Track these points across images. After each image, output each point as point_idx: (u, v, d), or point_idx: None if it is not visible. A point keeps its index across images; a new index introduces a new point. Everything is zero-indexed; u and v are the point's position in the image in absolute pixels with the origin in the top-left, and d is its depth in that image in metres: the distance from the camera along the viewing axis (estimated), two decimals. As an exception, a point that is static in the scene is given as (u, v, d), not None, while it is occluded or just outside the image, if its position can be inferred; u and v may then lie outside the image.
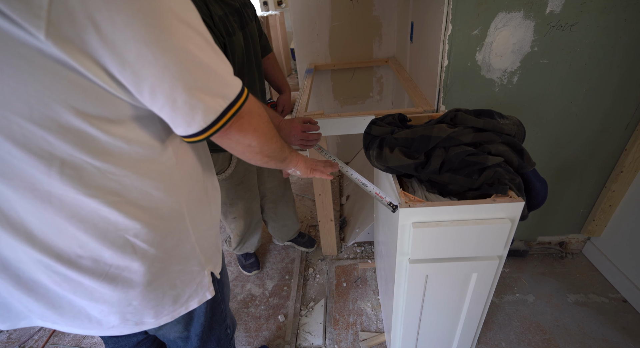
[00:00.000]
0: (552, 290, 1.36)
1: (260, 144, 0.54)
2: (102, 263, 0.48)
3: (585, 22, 0.94)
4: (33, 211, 0.42)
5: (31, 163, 0.39)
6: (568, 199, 1.36)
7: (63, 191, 0.42)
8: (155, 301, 0.54)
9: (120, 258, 0.48)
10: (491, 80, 1.07)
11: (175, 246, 0.54)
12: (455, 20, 0.96)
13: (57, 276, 0.47)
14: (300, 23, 1.81)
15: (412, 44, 1.47)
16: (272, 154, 0.58)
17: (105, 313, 0.52)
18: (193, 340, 0.70)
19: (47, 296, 0.50)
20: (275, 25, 4.06)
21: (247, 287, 1.51)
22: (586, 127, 1.15)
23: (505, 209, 0.69)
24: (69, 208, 0.43)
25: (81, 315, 0.52)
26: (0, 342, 1.36)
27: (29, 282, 0.48)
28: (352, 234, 1.70)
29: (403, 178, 0.84)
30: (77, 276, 0.47)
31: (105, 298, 0.50)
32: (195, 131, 0.44)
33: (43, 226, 0.43)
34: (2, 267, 0.47)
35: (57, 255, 0.45)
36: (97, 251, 0.47)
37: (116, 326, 0.54)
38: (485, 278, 0.79)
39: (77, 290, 0.49)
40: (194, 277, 0.59)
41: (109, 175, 0.43)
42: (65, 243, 0.45)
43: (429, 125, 0.79)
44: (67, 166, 0.41)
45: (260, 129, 0.53)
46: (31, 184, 0.40)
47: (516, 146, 0.75)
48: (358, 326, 1.29)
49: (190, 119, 0.43)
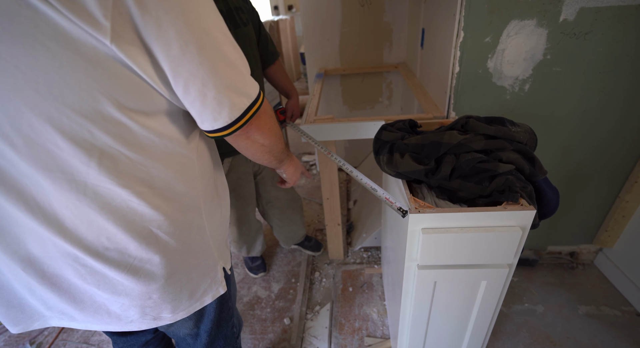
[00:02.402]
0: (562, 301, 1.34)
1: (271, 143, 0.58)
2: (127, 255, 0.50)
3: (600, 31, 0.94)
4: (67, 203, 0.44)
5: (74, 154, 0.42)
6: (580, 209, 1.34)
7: (98, 182, 0.44)
8: (174, 295, 0.56)
9: (144, 250, 0.50)
10: (502, 87, 1.06)
11: (193, 239, 0.56)
12: (467, 27, 0.96)
13: (83, 269, 0.49)
14: (310, 28, 1.83)
15: (422, 50, 1.47)
16: (277, 154, 0.63)
17: (125, 307, 0.53)
18: (202, 337, 0.71)
19: (69, 291, 0.51)
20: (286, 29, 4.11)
21: (254, 289, 1.52)
22: (599, 137, 1.14)
23: (516, 217, 0.68)
24: (102, 199, 0.45)
25: (101, 310, 0.53)
26: (11, 337, 1.39)
27: (54, 277, 0.50)
28: (359, 239, 1.70)
29: (413, 184, 0.84)
30: (103, 268, 0.49)
31: (127, 291, 0.52)
32: (221, 126, 0.48)
33: (75, 217, 0.46)
34: (29, 262, 0.48)
35: (85, 246, 0.47)
36: (124, 243, 0.49)
37: (135, 321, 0.55)
38: (495, 287, 0.78)
39: (101, 283, 0.50)
40: (208, 272, 0.61)
41: (140, 166, 0.46)
42: (94, 234, 0.47)
43: (439, 131, 0.80)
44: (105, 157, 0.43)
45: (273, 129, 0.57)
46: (70, 176, 0.43)
47: (528, 153, 0.75)
48: (364, 331, 1.29)
49: (217, 115, 0.46)
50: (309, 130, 1.17)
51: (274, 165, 0.68)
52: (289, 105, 1.28)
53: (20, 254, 0.48)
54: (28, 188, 0.43)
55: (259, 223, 1.47)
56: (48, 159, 0.41)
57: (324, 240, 1.75)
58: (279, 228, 1.52)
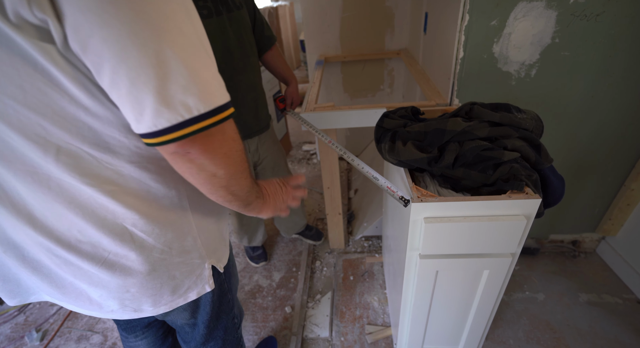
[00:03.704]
0: (563, 289, 1.34)
1: (228, 175, 0.44)
2: (101, 249, 0.47)
3: (612, 12, 0.90)
4: (34, 195, 0.42)
5: (29, 147, 0.39)
6: (584, 197, 1.32)
7: (61, 176, 0.41)
8: (153, 291, 0.54)
9: (119, 246, 0.48)
10: (508, 73, 1.03)
11: (176, 238, 0.53)
12: (473, 10, 0.93)
13: (57, 259, 0.48)
14: (310, 13, 1.78)
15: (425, 35, 1.43)
16: (239, 193, 0.49)
17: (104, 298, 0.52)
18: (200, 327, 0.71)
19: (50, 276, 0.50)
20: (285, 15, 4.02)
21: (255, 278, 1.53)
22: (608, 123, 1.11)
23: (521, 206, 0.67)
24: (67, 193, 0.43)
25: (82, 296, 0.53)
26: (17, 324, 1.41)
27: (33, 262, 0.49)
28: (360, 228, 1.69)
29: (415, 172, 0.82)
30: (77, 261, 0.47)
31: (104, 284, 0.50)
32: (145, 131, 0.37)
33: (44, 209, 0.43)
34: (9, 246, 0.48)
35: (57, 238, 0.45)
36: (96, 237, 0.46)
37: (115, 311, 0.54)
38: (497, 276, 0.78)
39: (77, 274, 0.49)
40: (194, 269, 0.58)
41: (106, 164, 0.43)
42: (65, 227, 0.45)
43: (443, 118, 0.77)
44: (63, 154, 0.40)
45: (232, 157, 0.44)
46: (31, 168, 0.40)
47: (533, 141, 0.73)
48: (364, 319, 1.30)
49: (138, 115, 0.36)
50: (310, 118, 1.15)
51: (235, 207, 0.52)
52: (288, 92, 1.25)
53: (1, 238, 0.47)
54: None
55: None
56: (5, 150, 0.39)
57: (324, 229, 1.75)
58: (280, 218, 1.51)
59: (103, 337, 1.33)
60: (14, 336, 1.36)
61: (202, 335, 0.72)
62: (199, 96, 0.37)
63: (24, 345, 1.33)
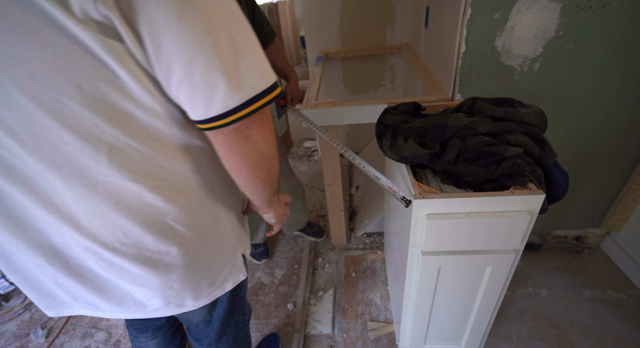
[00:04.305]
0: (567, 284, 1.33)
1: (271, 154, 0.48)
2: (145, 249, 0.49)
3: (618, 3, 0.88)
4: (80, 200, 0.43)
5: (81, 149, 0.39)
6: (588, 192, 1.31)
7: (109, 178, 0.42)
8: (194, 284, 0.56)
9: (161, 243, 0.49)
10: (511, 67, 1.02)
11: (210, 229, 0.55)
12: (475, 3, 0.91)
13: (103, 262, 0.49)
14: (310, 9, 1.76)
15: (427, 29, 1.41)
16: (274, 177, 0.53)
17: (149, 297, 0.54)
18: (215, 324, 0.72)
19: (94, 281, 0.51)
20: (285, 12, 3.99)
21: (257, 275, 1.53)
22: (613, 117, 1.10)
23: (524, 202, 0.66)
24: (114, 195, 0.43)
25: (127, 298, 0.54)
26: (23, 321, 1.42)
27: (78, 268, 0.50)
28: (361, 224, 1.69)
29: (417, 169, 0.82)
30: (122, 262, 0.48)
31: (149, 283, 0.52)
32: (216, 113, 0.40)
33: (88, 215, 0.44)
34: (53, 254, 0.48)
35: (102, 243, 0.46)
36: (140, 237, 0.48)
37: (159, 308, 0.56)
38: (500, 272, 0.77)
39: (123, 275, 0.50)
40: (227, 259, 0.61)
41: (151, 159, 0.44)
42: (109, 231, 0.46)
43: (445, 114, 0.76)
44: (115, 151, 0.41)
45: (273, 134, 0.48)
46: (79, 172, 0.41)
47: (537, 136, 0.72)
48: (367, 316, 1.30)
49: (209, 99, 0.38)
50: (310, 115, 1.14)
51: (262, 196, 0.55)
52: (289, 88, 1.24)
53: (43, 247, 0.47)
54: (39, 185, 0.41)
55: None
56: (55, 155, 0.39)
57: (326, 226, 1.75)
58: None
59: (107, 334, 1.34)
60: (19, 333, 1.38)
61: (216, 332, 0.73)
62: (260, 74, 0.41)
63: (30, 342, 1.34)
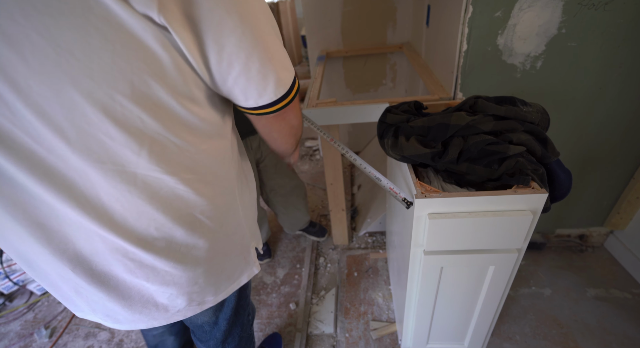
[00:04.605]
0: (571, 284, 1.32)
1: (299, 124, 0.60)
2: (174, 243, 0.50)
3: (622, 0, 0.87)
4: (117, 196, 0.44)
5: (126, 143, 0.41)
6: (591, 191, 1.30)
7: (148, 171, 0.44)
8: (216, 277, 0.58)
9: (190, 235, 0.51)
10: (513, 65, 1.01)
11: (230, 222, 0.57)
12: (477, 1, 0.90)
13: (132, 263, 0.49)
14: (311, 9, 1.76)
15: (428, 28, 1.41)
16: (299, 138, 0.66)
17: (173, 297, 0.54)
18: (221, 325, 0.72)
19: (118, 288, 0.51)
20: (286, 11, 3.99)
21: (259, 275, 1.53)
22: (616, 115, 1.09)
23: (527, 200, 0.66)
24: (151, 188, 0.45)
25: (149, 304, 0.54)
26: (27, 321, 1.43)
27: (102, 275, 0.50)
28: (363, 224, 1.69)
29: (419, 168, 0.81)
30: (152, 260, 0.50)
31: (175, 280, 0.53)
32: (266, 102, 0.47)
33: (124, 210, 0.46)
34: (77, 261, 0.48)
35: (135, 238, 0.48)
36: (171, 231, 0.49)
37: (181, 309, 0.57)
38: (503, 272, 0.77)
39: (150, 276, 0.51)
40: (242, 252, 0.62)
41: (186, 153, 0.46)
42: (143, 226, 0.47)
43: (447, 113, 0.76)
44: (155, 144, 0.43)
45: (300, 111, 0.59)
46: (121, 167, 0.42)
47: (539, 134, 0.71)
48: (369, 315, 1.30)
49: (262, 90, 0.46)
50: (311, 114, 1.14)
51: (290, 151, 0.68)
52: None
53: (68, 254, 0.47)
54: (77, 184, 0.42)
55: (263, 211, 1.47)
56: (100, 150, 0.41)
57: (328, 225, 1.75)
58: (283, 215, 1.51)
59: (110, 334, 1.34)
60: (23, 333, 1.39)
61: (222, 332, 0.73)
62: (289, 65, 0.48)
63: (34, 341, 1.35)
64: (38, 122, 0.37)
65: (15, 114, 0.36)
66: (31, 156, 0.39)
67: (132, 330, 0.58)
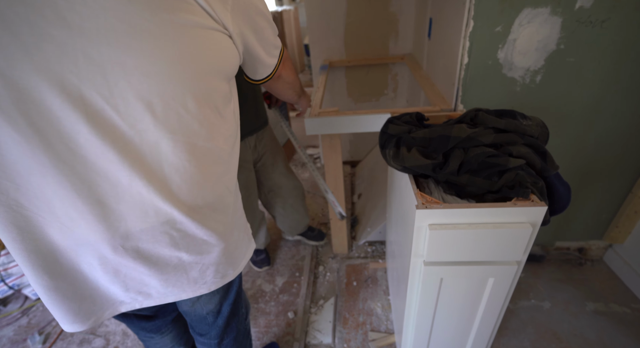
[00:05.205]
0: (570, 297, 1.32)
1: (294, 80, 0.83)
2: (212, 211, 0.56)
3: (618, 18, 0.89)
4: (178, 166, 0.49)
5: (197, 116, 0.49)
6: (590, 204, 1.31)
7: (205, 142, 0.51)
8: (233, 251, 0.64)
9: (221, 205, 0.58)
10: (513, 79, 1.03)
11: (239, 198, 0.67)
12: (478, 16, 0.93)
13: (177, 234, 0.54)
14: (315, 19, 1.79)
15: (430, 40, 1.43)
16: (297, 89, 0.89)
17: (204, 268, 0.60)
18: (224, 313, 0.75)
19: (158, 263, 0.55)
20: (290, 20, 4.05)
21: (258, 283, 1.52)
22: (613, 129, 1.10)
23: (526, 213, 0.66)
24: (205, 158, 0.52)
25: (182, 277, 0.58)
26: (20, 327, 1.41)
27: (146, 251, 0.53)
28: (363, 233, 1.68)
29: (419, 178, 0.82)
30: (194, 228, 0.54)
31: (210, 250, 0.58)
32: (273, 68, 0.67)
33: (181, 181, 0.51)
34: (126, 238, 0.51)
35: (186, 207, 0.52)
36: (211, 199, 0.56)
37: (207, 282, 0.62)
38: (503, 284, 0.77)
39: (191, 245, 0.56)
40: (245, 229, 0.70)
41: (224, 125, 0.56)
42: (193, 194, 0.53)
43: (448, 125, 0.77)
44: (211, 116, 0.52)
45: (293, 70, 0.81)
46: (187, 138, 0.49)
47: (539, 148, 0.72)
48: (368, 326, 1.29)
49: (272, 58, 0.65)
50: (314, 123, 1.16)
51: (293, 100, 0.95)
52: None
53: (120, 232, 0.50)
54: (146, 158, 0.47)
55: (262, 214, 1.47)
56: (175, 122, 0.47)
57: (328, 234, 1.75)
58: (283, 217, 1.51)
59: (105, 341, 1.33)
60: (16, 339, 1.37)
61: (225, 320, 0.76)
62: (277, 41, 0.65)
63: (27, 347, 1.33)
64: (133, 97, 0.42)
65: (113, 91, 0.41)
66: (114, 131, 0.43)
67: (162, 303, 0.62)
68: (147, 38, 0.40)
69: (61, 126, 0.41)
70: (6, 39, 0.36)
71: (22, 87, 0.38)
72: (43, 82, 0.38)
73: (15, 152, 0.41)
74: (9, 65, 0.36)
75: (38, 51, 0.37)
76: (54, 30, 0.36)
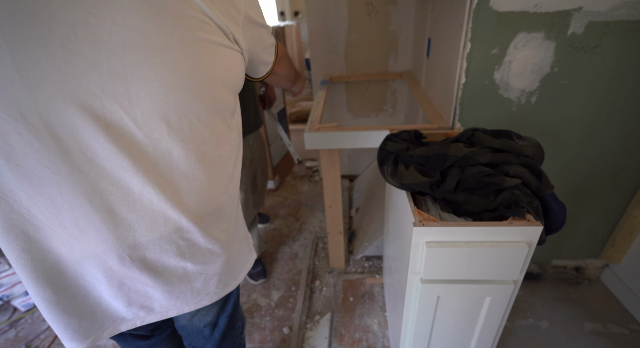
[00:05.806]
0: (567, 317, 1.31)
1: (288, 70, 0.87)
2: (217, 219, 0.57)
3: (609, 45, 0.93)
4: (188, 174, 0.51)
5: (208, 125, 0.50)
6: (586, 223, 1.31)
7: (214, 150, 0.53)
8: (235, 261, 0.64)
9: (224, 214, 0.59)
10: (509, 99, 1.05)
11: (239, 208, 0.68)
12: (475, 38, 0.96)
13: (184, 243, 0.54)
14: (316, 35, 1.84)
15: (428, 59, 1.47)
16: (292, 78, 0.93)
17: (207, 279, 0.60)
18: (220, 325, 0.74)
19: (164, 274, 0.55)
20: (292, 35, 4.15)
21: (253, 297, 1.50)
22: (608, 151, 1.12)
23: (522, 233, 0.67)
24: (214, 165, 0.54)
25: (186, 288, 0.59)
26: (7, 340, 1.38)
27: (152, 261, 0.54)
28: (360, 247, 1.68)
29: (417, 196, 0.83)
30: (200, 237, 0.55)
31: (214, 259, 0.59)
32: (265, 72, 0.71)
33: (191, 188, 0.52)
34: (134, 248, 0.51)
35: (194, 215, 0.53)
36: (217, 207, 0.57)
37: (210, 292, 0.62)
38: (499, 303, 0.76)
39: (196, 255, 0.56)
40: (246, 239, 0.71)
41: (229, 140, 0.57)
42: (201, 202, 0.54)
43: (445, 143, 0.79)
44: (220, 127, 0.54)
45: (288, 63, 0.86)
46: (198, 146, 0.50)
47: (534, 168, 0.74)
48: (364, 343, 1.27)
49: (270, 56, 0.69)
50: (313, 138, 1.17)
51: (288, 87, 1.01)
52: (266, 93, 1.43)
53: (129, 241, 0.50)
54: (159, 166, 0.48)
55: (256, 215, 1.48)
56: (188, 131, 0.48)
57: (325, 248, 1.74)
58: None
59: (95, 354, 1.29)
60: (4, 350, 1.33)
61: (221, 333, 0.75)
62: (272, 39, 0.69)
63: (14, 360, 1.29)
64: (151, 108, 0.44)
65: (132, 102, 0.43)
66: (130, 140, 0.45)
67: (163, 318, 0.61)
68: (169, 53, 0.43)
69: (80, 135, 0.42)
70: (37, 54, 0.38)
71: (47, 98, 0.40)
72: (68, 94, 0.40)
73: (31, 160, 0.42)
74: (36, 77, 0.39)
75: (66, 65, 0.39)
76: (84, 46, 0.39)
